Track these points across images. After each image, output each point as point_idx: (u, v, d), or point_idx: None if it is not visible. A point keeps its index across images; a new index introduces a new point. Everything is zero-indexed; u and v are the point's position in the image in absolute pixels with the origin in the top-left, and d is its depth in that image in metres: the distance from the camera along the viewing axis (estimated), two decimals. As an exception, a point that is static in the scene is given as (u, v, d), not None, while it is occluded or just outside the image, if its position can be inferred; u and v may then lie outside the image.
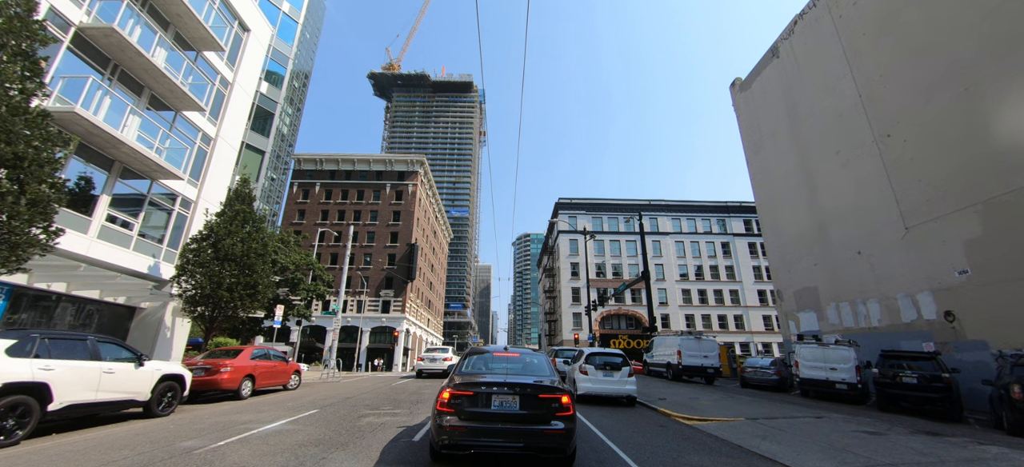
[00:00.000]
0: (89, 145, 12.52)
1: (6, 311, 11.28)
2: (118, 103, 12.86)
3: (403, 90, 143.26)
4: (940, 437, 8.10)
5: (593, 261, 54.64)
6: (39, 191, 8.17)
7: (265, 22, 22.05)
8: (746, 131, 26.26)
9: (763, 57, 24.52)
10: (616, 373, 12.15)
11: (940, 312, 14.21)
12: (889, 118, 16.39)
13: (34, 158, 7.96)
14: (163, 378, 8.89)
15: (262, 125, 26.19)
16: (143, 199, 14.71)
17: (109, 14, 12.92)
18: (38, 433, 6.68)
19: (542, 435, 4.79)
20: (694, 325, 52.28)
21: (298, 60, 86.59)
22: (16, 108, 7.71)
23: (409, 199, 53.53)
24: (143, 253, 14.46)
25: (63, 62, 11.90)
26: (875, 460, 6.34)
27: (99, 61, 13.07)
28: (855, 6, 18.10)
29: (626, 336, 49.94)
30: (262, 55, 21.88)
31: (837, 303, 18.79)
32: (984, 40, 13.32)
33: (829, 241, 19.33)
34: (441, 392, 5.10)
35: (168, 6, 15.33)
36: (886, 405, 12.40)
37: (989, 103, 13.15)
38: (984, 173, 13.09)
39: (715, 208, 59.58)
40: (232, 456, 5.69)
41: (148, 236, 14.95)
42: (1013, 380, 8.86)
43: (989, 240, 12.90)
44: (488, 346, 9.70)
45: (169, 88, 14.89)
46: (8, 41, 7.75)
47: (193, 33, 16.44)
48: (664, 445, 7.11)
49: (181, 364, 11.34)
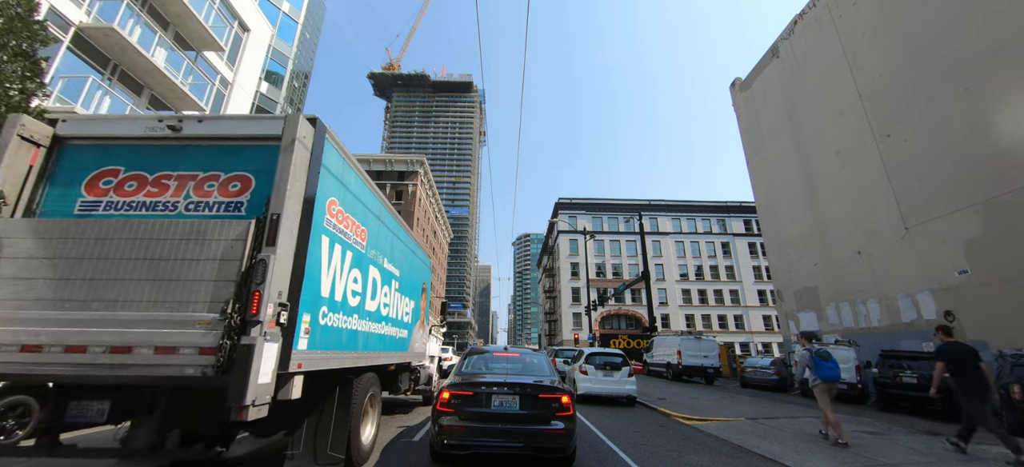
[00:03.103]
0: (89, 145, 12.54)
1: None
2: (118, 103, 12.87)
3: (403, 90, 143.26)
4: (940, 437, 8.10)
5: (593, 261, 54.63)
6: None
7: (265, 22, 22.07)
8: (746, 131, 26.26)
9: (763, 57, 24.52)
10: (616, 373, 12.15)
11: (940, 312, 14.20)
12: (889, 118, 16.39)
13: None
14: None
15: (262, 125, 26.17)
16: (143, 199, 14.69)
17: (109, 14, 12.93)
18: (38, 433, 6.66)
19: (542, 435, 4.80)
20: (694, 325, 52.25)
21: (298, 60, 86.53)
22: (16, 108, 7.72)
23: (409, 199, 53.56)
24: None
25: (63, 62, 11.91)
26: (875, 460, 6.34)
27: (99, 61, 13.08)
28: (855, 6, 18.09)
29: (626, 336, 49.93)
30: (262, 55, 21.89)
31: (837, 303, 18.79)
32: (984, 40, 13.32)
33: (829, 241, 19.33)
34: (441, 392, 5.10)
35: (168, 6, 15.34)
36: (886, 405, 12.41)
37: (989, 103, 13.14)
38: (984, 173, 13.08)
39: (715, 208, 59.57)
40: (232, 456, 5.69)
41: (148, 236, 14.94)
42: (1013, 380, 8.87)
43: (989, 240, 12.90)
44: (488, 346, 9.68)
45: (169, 88, 14.91)
46: (8, 41, 7.75)
47: (193, 33, 16.45)
48: (664, 445, 7.11)
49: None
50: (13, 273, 3.53)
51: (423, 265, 9.30)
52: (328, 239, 4.38)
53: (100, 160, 4.13)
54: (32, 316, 3.45)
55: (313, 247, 3.99)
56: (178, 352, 3.35)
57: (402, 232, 7.66)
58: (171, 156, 4.15)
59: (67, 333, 3.41)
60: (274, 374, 3.45)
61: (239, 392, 3.10)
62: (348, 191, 4.92)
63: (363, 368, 5.59)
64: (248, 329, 3.29)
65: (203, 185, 4.03)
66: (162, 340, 3.38)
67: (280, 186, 3.68)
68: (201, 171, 4.07)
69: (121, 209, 3.95)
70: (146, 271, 3.55)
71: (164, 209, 3.95)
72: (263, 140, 4.12)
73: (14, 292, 3.49)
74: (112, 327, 3.42)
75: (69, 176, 4.10)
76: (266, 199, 3.76)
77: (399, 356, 7.36)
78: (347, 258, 4.89)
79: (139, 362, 3.35)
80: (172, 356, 3.34)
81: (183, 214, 3.92)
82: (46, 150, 4.11)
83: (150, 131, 4.18)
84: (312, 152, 4.07)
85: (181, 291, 3.49)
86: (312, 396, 4.33)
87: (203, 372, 3.30)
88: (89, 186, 4.04)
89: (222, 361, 3.28)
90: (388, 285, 6.61)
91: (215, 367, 3.29)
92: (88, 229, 3.68)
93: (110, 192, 4.01)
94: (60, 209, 3.97)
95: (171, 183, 4.03)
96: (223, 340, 3.32)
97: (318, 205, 4.09)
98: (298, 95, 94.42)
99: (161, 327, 3.41)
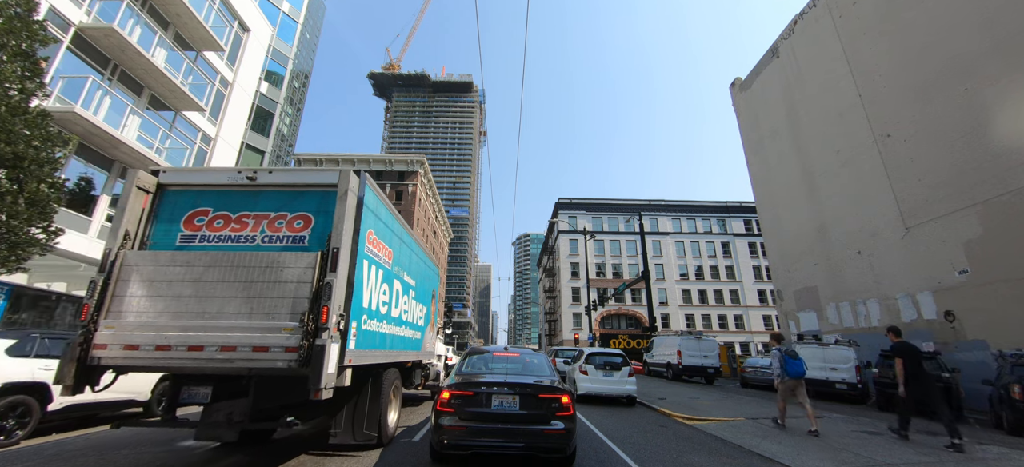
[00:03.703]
0: (89, 145, 12.52)
1: (6, 311, 11.27)
2: (118, 103, 12.86)
3: (403, 90, 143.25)
4: (940, 437, 8.09)
5: (593, 261, 54.62)
6: (38, 190, 8.16)
7: (265, 22, 22.06)
8: (746, 131, 26.26)
9: (763, 57, 24.52)
10: (616, 373, 12.15)
11: (940, 312, 14.21)
12: (889, 118, 16.39)
13: (34, 158, 7.96)
14: (163, 378, 8.89)
15: (262, 125, 26.17)
16: (143, 199, 14.70)
17: (109, 14, 12.93)
18: (38, 433, 6.67)
19: (542, 435, 4.79)
20: (694, 325, 52.24)
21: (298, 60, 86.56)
22: (16, 108, 7.71)
23: (409, 199, 53.53)
24: (143, 253, 14.46)
25: (63, 62, 11.90)
26: (875, 460, 6.34)
27: (99, 61, 13.07)
28: (855, 6, 18.09)
29: (626, 336, 49.92)
30: (262, 55, 21.88)
31: (837, 303, 18.79)
32: (984, 40, 13.32)
33: (829, 241, 19.33)
34: (441, 392, 5.10)
35: (168, 6, 15.34)
36: (886, 405, 12.39)
37: (989, 103, 13.14)
38: (984, 173, 13.08)
39: (715, 208, 59.55)
40: (232, 456, 5.70)
41: (148, 236, 14.94)
42: (1013, 380, 8.86)
43: (989, 240, 12.90)
44: (488, 346, 9.86)
45: (169, 88, 14.90)
46: (8, 41, 7.74)
47: (193, 33, 16.44)
48: (664, 445, 7.11)
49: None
50: (144, 292, 4.62)
51: (433, 274, 10.42)
52: (367, 262, 5.46)
53: (194, 202, 5.26)
54: (161, 323, 4.50)
55: (358, 270, 5.06)
56: (270, 350, 4.41)
57: (417, 247, 8.63)
58: (249, 199, 5.25)
59: (188, 336, 4.45)
60: (337, 366, 4.51)
61: (317, 379, 4.19)
62: (380, 221, 6.06)
63: (389, 364, 6.71)
64: (320, 333, 4.38)
65: (274, 223, 5.13)
66: (258, 341, 4.43)
67: (338, 226, 4.78)
68: (272, 211, 5.18)
69: (213, 242, 5.05)
70: (242, 290, 4.61)
71: (245, 242, 5.05)
72: (319, 187, 5.22)
73: (146, 307, 4.56)
74: (220, 332, 4.46)
75: (170, 215, 5.23)
76: (323, 234, 4.93)
77: (414, 355, 8.35)
78: (379, 275, 6.02)
79: (241, 358, 4.40)
80: (265, 353, 4.40)
81: (260, 246, 5.00)
82: (153, 195, 5.25)
83: (232, 179, 5.31)
84: (358, 197, 5.17)
85: (269, 305, 4.54)
86: (353, 385, 5.34)
87: (289, 365, 4.35)
88: (186, 222, 5.16)
89: (302, 357, 4.32)
90: (407, 294, 7.71)
91: (297, 361, 4.32)
92: (195, 259, 4.74)
93: (203, 228, 5.13)
94: (164, 242, 5.09)
95: (249, 221, 5.16)
96: (302, 341, 4.37)
97: (361, 237, 5.17)
98: (298, 95, 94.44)
99: (256, 332, 4.46)
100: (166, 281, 4.65)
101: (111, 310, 4.57)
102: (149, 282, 4.64)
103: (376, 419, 6.04)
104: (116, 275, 4.67)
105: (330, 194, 5.05)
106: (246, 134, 22.98)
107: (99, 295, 4.55)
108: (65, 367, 4.40)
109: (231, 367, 4.45)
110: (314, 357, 4.27)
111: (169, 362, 4.47)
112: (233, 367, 4.45)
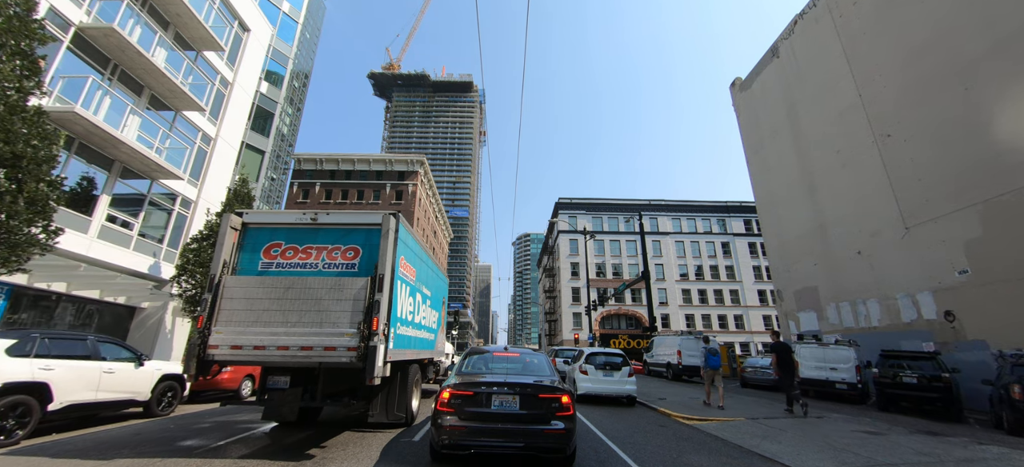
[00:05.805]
0: (89, 145, 12.52)
1: (6, 311, 11.27)
2: (118, 103, 12.85)
3: (403, 90, 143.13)
4: (940, 437, 8.10)
5: (593, 261, 54.63)
6: (37, 190, 8.16)
7: (265, 22, 22.05)
8: (746, 131, 26.25)
9: (763, 57, 24.51)
10: (616, 373, 12.15)
11: (940, 312, 14.20)
12: (889, 118, 16.38)
13: (32, 157, 7.95)
14: (163, 378, 8.89)
15: (262, 125, 26.14)
16: (143, 199, 14.70)
17: (109, 14, 12.92)
18: (38, 433, 6.68)
19: (542, 435, 4.79)
20: (694, 325, 52.24)
21: (298, 60, 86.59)
22: (14, 107, 7.71)
23: (409, 199, 53.49)
24: (143, 253, 14.46)
25: (63, 62, 11.89)
26: (875, 460, 6.34)
27: (99, 61, 13.06)
28: (855, 6, 18.09)
29: (626, 336, 49.92)
30: (262, 55, 21.87)
31: (837, 303, 18.79)
32: (984, 40, 13.32)
33: (829, 241, 19.33)
34: (441, 392, 5.10)
35: (168, 6, 15.32)
36: (886, 405, 12.39)
37: (989, 103, 13.14)
38: (984, 173, 13.08)
39: (715, 208, 59.54)
40: (232, 456, 5.69)
41: (148, 236, 14.94)
42: (1013, 380, 8.86)
43: (989, 240, 12.89)
44: (488, 346, 10.31)
45: (169, 88, 14.88)
46: (7, 41, 7.74)
47: (193, 33, 16.43)
48: (664, 445, 7.11)
49: (182, 364, 11.33)
50: (243, 306, 6.17)
51: (443, 283, 12.05)
52: (400, 282, 7.00)
53: (270, 237, 6.82)
54: (255, 329, 6.07)
55: (395, 289, 6.61)
56: (337, 350, 6.00)
57: (431, 262, 10.09)
58: (312, 234, 6.84)
59: (277, 338, 6.01)
60: (384, 361, 6.01)
61: (371, 370, 5.77)
62: (409, 248, 7.75)
63: (412, 360, 8.20)
64: (372, 337, 5.93)
65: (332, 253, 6.71)
66: (328, 343, 6.01)
67: (383, 259, 6.38)
68: (330, 245, 6.74)
69: (285, 268, 6.62)
70: (313, 305, 6.16)
71: (311, 268, 6.63)
72: (364, 226, 6.85)
73: (243, 318, 6.12)
74: (299, 336, 6.03)
75: (252, 246, 6.78)
76: (369, 262, 6.56)
77: (429, 353, 9.85)
78: (407, 290, 7.58)
79: (316, 355, 6.01)
80: (333, 352, 6.00)
81: (322, 271, 6.58)
82: (239, 232, 6.80)
83: (298, 219, 6.92)
84: (395, 233, 6.64)
85: (334, 317, 6.11)
86: (389, 377, 6.64)
87: (351, 360, 5.96)
88: (265, 252, 6.72)
89: (360, 354, 5.93)
90: (425, 303, 9.25)
91: (357, 357, 5.93)
92: (277, 281, 6.34)
93: (277, 257, 6.70)
94: (249, 268, 6.64)
95: (313, 251, 6.71)
96: (360, 343, 5.98)
97: (397, 263, 6.70)
98: (298, 95, 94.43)
99: (325, 336, 6.03)
100: (256, 297, 6.18)
101: (219, 320, 6.08)
102: (243, 299, 6.17)
103: (405, 404, 7.72)
104: (221, 294, 6.17)
105: (373, 231, 6.68)
106: (246, 134, 22.96)
107: (210, 309, 6.07)
108: (190, 362, 5.87)
109: (309, 361, 6.01)
110: (369, 355, 5.82)
111: (264, 358, 5.99)
112: (310, 362, 6.01)
